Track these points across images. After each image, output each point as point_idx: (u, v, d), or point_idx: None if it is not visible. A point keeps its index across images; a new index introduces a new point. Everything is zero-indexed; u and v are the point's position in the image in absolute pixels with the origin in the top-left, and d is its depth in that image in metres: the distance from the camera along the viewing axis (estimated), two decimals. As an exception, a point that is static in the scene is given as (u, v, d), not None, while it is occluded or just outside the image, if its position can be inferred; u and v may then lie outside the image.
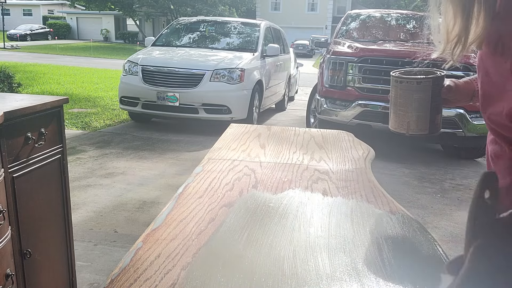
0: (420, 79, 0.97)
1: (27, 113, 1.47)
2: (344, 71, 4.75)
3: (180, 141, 5.29)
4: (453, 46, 0.81)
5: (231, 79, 5.56)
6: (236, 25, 7.16)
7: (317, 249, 0.88)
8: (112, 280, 0.73)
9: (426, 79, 0.97)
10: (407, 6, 25.73)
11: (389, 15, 6.19)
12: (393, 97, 1.03)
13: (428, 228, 3.02)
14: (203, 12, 28.28)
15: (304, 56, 28.64)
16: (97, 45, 28.79)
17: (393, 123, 1.05)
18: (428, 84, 0.97)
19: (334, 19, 37.98)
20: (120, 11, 32.17)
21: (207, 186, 1.21)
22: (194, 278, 0.75)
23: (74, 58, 18.91)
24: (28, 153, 1.51)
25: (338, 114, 4.79)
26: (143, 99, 5.63)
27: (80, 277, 2.16)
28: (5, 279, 1.34)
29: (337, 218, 1.04)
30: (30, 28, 33.06)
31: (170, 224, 0.96)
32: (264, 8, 42.37)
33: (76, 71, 12.93)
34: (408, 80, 0.98)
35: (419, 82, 0.97)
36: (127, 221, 2.94)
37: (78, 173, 3.87)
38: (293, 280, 0.76)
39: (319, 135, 1.94)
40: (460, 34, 0.79)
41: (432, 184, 4.08)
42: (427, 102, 0.97)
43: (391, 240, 0.94)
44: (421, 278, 0.79)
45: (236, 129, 1.98)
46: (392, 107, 1.04)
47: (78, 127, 5.71)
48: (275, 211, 1.06)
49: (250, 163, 1.46)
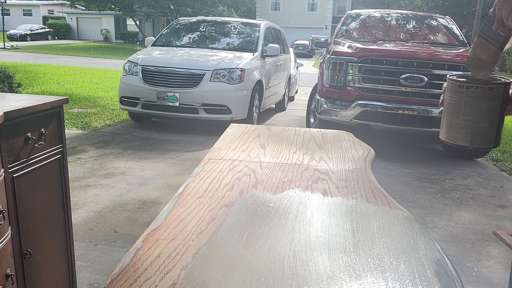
0: (492, 85, 0.86)
1: (27, 113, 1.47)
2: (344, 71, 4.75)
3: (180, 141, 5.29)
4: None
5: (231, 79, 5.56)
6: (236, 25, 7.16)
7: (317, 249, 0.88)
8: (112, 280, 0.73)
9: (498, 85, 0.86)
10: (407, 6, 25.74)
11: (389, 15, 6.19)
12: (453, 104, 0.90)
13: (428, 228, 3.02)
14: (202, 12, 28.27)
15: (304, 56, 28.65)
16: (97, 45, 28.79)
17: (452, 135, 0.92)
18: (499, 91, 0.87)
19: (334, 19, 37.99)
20: (120, 11, 32.15)
21: (207, 186, 1.21)
22: (194, 278, 0.75)
23: (74, 58, 18.91)
24: (28, 153, 1.51)
25: (338, 114, 4.79)
26: (143, 99, 5.63)
27: (80, 277, 2.16)
28: (5, 279, 1.34)
29: (337, 218, 1.04)
30: (30, 28, 33.05)
31: (170, 224, 0.96)
32: (264, 8, 42.36)
33: (76, 71, 12.93)
34: (478, 86, 0.86)
35: (491, 88, 0.86)
36: (127, 221, 2.94)
37: (78, 173, 3.87)
38: (293, 280, 0.76)
39: (319, 135, 1.94)
40: None
41: (432, 184, 4.08)
42: (496, 111, 0.87)
43: (391, 240, 0.94)
44: (421, 278, 0.79)
45: (236, 129, 1.98)
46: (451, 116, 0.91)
47: (78, 127, 5.71)
48: (275, 211, 1.06)
49: (250, 163, 1.46)
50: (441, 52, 4.79)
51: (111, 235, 2.73)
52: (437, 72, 4.48)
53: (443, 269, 0.84)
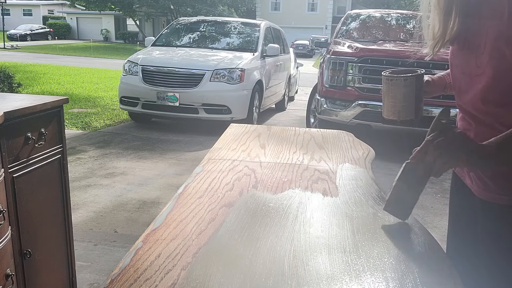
0: (406, 77, 1.20)
1: (27, 113, 1.47)
2: (344, 71, 4.75)
3: (180, 141, 5.29)
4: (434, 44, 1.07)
5: (231, 79, 5.56)
6: (236, 25, 7.15)
7: (317, 249, 0.88)
8: (112, 280, 0.73)
9: (411, 77, 1.20)
10: (407, 6, 25.73)
11: (389, 15, 6.18)
12: (385, 91, 1.25)
13: (428, 228, 3.02)
14: (202, 12, 28.26)
15: (304, 56, 28.63)
16: (97, 45, 28.79)
17: (386, 112, 1.26)
18: (412, 81, 1.20)
19: (334, 19, 37.96)
20: (120, 11, 32.15)
21: (207, 186, 1.21)
22: (194, 278, 0.75)
23: (74, 58, 18.91)
24: (28, 153, 1.51)
25: (338, 114, 4.79)
26: (143, 99, 5.63)
27: (80, 277, 2.16)
28: (5, 279, 1.34)
29: (337, 218, 1.04)
30: (30, 28, 33.04)
31: (170, 224, 0.96)
32: (264, 8, 42.35)
33: (76, 71, 12.93)
34: (397, 78, 1.21)
35: (405, 79, 1.20)
36: (127, 221, 2.94)
37: (78, 173, 3.87)
38: (293, 280, 0.76)
39: (319, 135, 1.94)
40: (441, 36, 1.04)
41: (432, 184, 4.08)
42: (412, 94, 1.21)
43: (391, 240, 0.94)
44: (421, 278, 0.79)
45: (236, 129, 1.98)
46: (385, 99, 1.26)
47: (78, 127, 5.71)
48: (275, 211, 1.06)
49: (250, 163, 1.46)
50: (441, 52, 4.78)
51: (111, 235, 2.73)
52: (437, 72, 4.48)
53: (444, 269, 0.84)
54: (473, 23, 0.98)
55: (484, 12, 0.95)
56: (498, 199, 0.98)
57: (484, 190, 1.01)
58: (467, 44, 1.01)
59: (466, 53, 1.01)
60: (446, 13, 1.01)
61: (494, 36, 0.91)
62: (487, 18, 0.94)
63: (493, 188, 0.99)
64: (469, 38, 1.00)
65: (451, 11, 1.00)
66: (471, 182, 1.08)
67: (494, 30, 0.92)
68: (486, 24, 0.94)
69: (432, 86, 1.31)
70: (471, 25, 0.99)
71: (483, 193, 1.02)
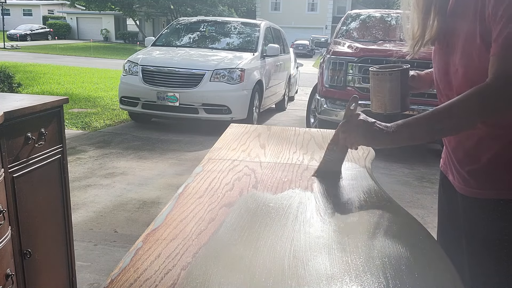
0: (391, 71, 1.24)
1: (27, 113, 1.47)
2: (344, 71, 4.75)
3: (180, 141, 5.29)
4: (414, 44, 1.12)
5: (231, 79, 5.56)
6: (236, 25, 7.15)
7: (317, 249, 0.88)
8: (112, 280, 0.73)
9: (395, 71, 1.24)
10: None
11: (389, 15, 6.18)
12: (372, 86, 1.29)
13: (428, 228, 3.01)
14: (202, 12, 28.26)
15: (304, 56, 28.64)
16: (97, 45, 28.79)
17: (373, 106, 1.30)
18: (397, 75, 1.24)
19: (334, 19, 37.96)
20: (120, 11, 32.15)
21: (207, 186, 1.21)
22: (194, 278, 0.75)
23: (74, 58, 18.91)
24: (28, 153, 1.51)
25: (338, 114, 4.79)
26: (143, 99, 5.63)
27: (80, 277, 2.16)
28: (5, 279, 1.34)
29: (337, 218, 1.04)
30: (30, 28, 33.04)
31: (170, 224, 0.96)
32: (264, 8, 42.35)
33: (76, 71, 12.93)
34: (382, 73, 1.26)
35: (390, 73, 1.24)
36: (127, 221, 2.94)
37: (78, 173, 3.87)
38: (293, 280, 0.76)
39: (319, 135, 1.94)
40: (420, 35, 1.10)
41: (432, 184, 4.08)
42: (397, 88, 1.24)
43: (391, 240, 0.94)
44: (422, 278, 0.79)
45: (236, 129, 1.98)
46: (372, 94, 1.30)
47: (78, 127, 5.71)
48: (275, 211, 1.06)
49: (250, 163, 1.46)
50: None
51: (111, 235, 2.73)
52: None
53: (444, 269, 0.84)
54: (450, 23, 1.04)
55: (457, 13, 1.01)
56: (477, 194, 1.03)
57: (465, 185, 1.07)
58: (446, 43, 1.06)
59: (445, 53, 1.06)
60: (425, 13, 1.06)
61: (463, 37, 0.97)
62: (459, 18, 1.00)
63: (472, 183, 1.04)
64: (447, 38, 1.05)
65: (430, 11, 1.06)
66: (453, 178, 1.14)
67: (464, 30, 0.98)
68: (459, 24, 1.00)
69: (418, 81, 1.34)
70: (448, 25, 1.04)
71: (464, 189, 1.08)
